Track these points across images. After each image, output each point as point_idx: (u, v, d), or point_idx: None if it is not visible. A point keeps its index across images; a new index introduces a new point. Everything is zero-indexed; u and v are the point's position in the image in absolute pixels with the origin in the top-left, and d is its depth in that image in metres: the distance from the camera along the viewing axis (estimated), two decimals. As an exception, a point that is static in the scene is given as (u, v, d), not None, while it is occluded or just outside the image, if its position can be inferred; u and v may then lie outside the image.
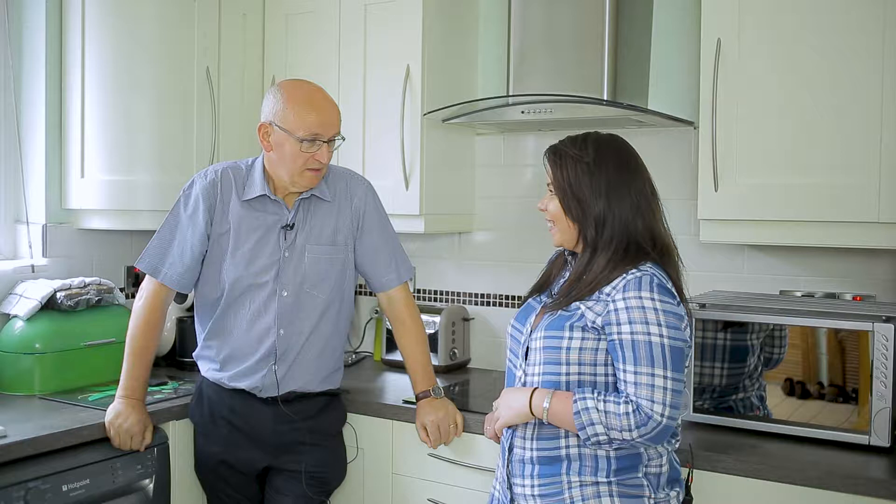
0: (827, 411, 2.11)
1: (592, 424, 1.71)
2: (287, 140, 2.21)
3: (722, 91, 2.33)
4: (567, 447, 1.80)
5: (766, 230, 2.32)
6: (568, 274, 1.91)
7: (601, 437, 1.72)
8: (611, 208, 1.81)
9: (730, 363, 2.23)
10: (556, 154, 1.88)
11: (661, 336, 1.71)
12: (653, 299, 1.73)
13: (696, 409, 2.25)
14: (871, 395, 2.04)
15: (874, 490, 1.87)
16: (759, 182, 2.30)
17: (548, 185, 1.91)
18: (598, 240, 1.82)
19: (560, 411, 1.76)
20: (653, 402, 1.69)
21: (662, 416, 1.68)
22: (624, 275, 1.77)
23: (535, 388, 1.82)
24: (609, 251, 1.80)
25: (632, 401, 1.70)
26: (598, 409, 1.71)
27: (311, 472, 2.34)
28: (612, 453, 1.78)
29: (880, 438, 2.04)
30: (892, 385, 2.03)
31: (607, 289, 1.78)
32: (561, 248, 1.98)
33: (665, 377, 1.70)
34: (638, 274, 1.76)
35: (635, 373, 1.71)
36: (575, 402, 1.73)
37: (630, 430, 1.69)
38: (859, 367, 2.07)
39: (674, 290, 1.79)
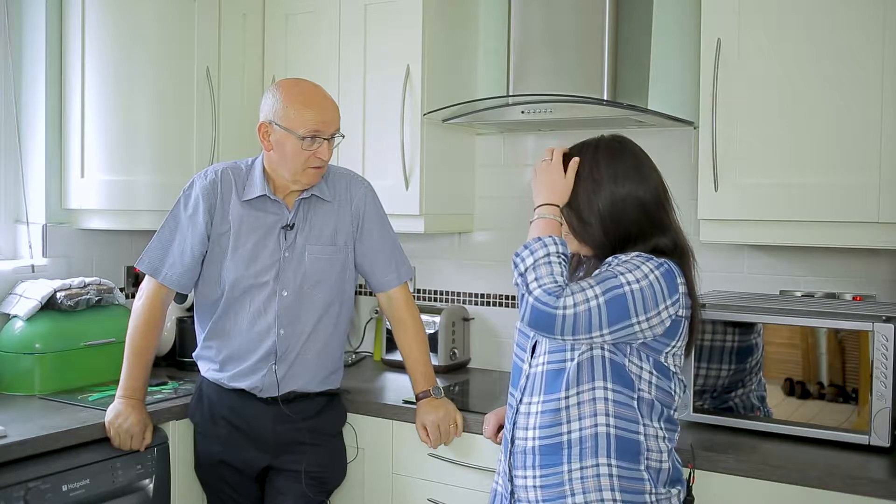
0: (827, 411, 2.11)
1: (532, 255, 1.73)
2: (288, 138, 2.21)
3: (722, 91, 2.33)
4: (569, 432, 1.78)
5: (766, 230, 2.32)
6: (581, 273, 1.91)
7: (520, 266, 1.74)
8: (621, 224, 1.80)
9: (732, 364, 2.23)
10: None
11: (627, 283, 1.70)
12: (652, 272, 1.73)
13: (696, 410, 2.25)
14: (871, 395, 2.04)
15: (874, 490, 1.87)
16: (759, 182, 2.30)
17: None
18: (616, 251, 1.82)
19: (536, 229, 1.80)
20: (573, 295, 1.68)
21: (565, 308, 1.67)
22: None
23: (552, 205, 1.83)
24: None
25: (565, 284, 1.71)
26: (548, 255, 1.73)
27: (311, 472, 2.33)
28: (612, 432, 1.76)
29: (880, 438, 2.04)
30: (892, 385, 2.03)
31: (623, 256, 1.78)
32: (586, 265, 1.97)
33: (597, 296, 1.69)
34: (653, 256, 1.77)
35: (586, 280, 1.73)
36: (543, 239, 1.75)
37: (540, 284, 1.69)
38: (859, 367, 2.07)
39: (682, 288, 1.77)
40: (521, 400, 1.87)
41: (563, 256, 1.75)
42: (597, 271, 1.79)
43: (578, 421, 1.77)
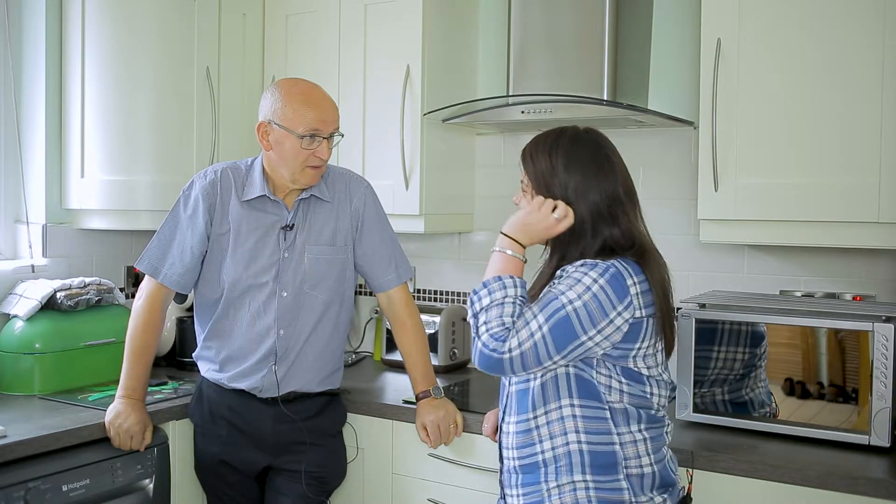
0: (827, 411, 2.11)
1: (490, 295, 1.73)
2: (287, 137, 2.21)
3: (722, 91, 2.33)
4: (542, 452, 1.77)
5: (766, 230, 2.32)
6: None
7: (475, 305, 1.74)
8: (578, 217, 1.78)
9: (747, 348, 2.22)
10: (524, 160, 1.90)
11: (569, 301, 1.68)
12: (595, 281, 1.69)
13: (696, 409, 2.25)
14: (871, 395, 2.04)
15: (874, 490, 1.87)
16: (759, 182, 2.30)
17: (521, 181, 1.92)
18: (566, 249, 1.80)
19: (494, 267, 1.79)
20: (517, 335, 1.68)
21: (510, 351, 1.68)
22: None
23: (517, 250, 1.82)
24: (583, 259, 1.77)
25: (513, 325, 1.70)
26: (504, 297, 1.72)
27: (311, 472, 2.33)
28: (584, 448, 1.74)
29: (880, 438, 2.04)
30: (892, 385, 2.03)
31: (570, 268, 1.76)
32: (543, 263, 1.93)
33: (540, 326, 1.68)
34: (600, 261, 1.74)
35: (530, 310, 1.72)
36: (504, 279, 1.74)
37: (488, 329, 1.70)
38: (859, 367, 2.07)
39: (635, 288, 1.72)
40: (503, 419, 1.88)
41: (520, 298, 1.74)
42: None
43: (550, 440, 1.76)
